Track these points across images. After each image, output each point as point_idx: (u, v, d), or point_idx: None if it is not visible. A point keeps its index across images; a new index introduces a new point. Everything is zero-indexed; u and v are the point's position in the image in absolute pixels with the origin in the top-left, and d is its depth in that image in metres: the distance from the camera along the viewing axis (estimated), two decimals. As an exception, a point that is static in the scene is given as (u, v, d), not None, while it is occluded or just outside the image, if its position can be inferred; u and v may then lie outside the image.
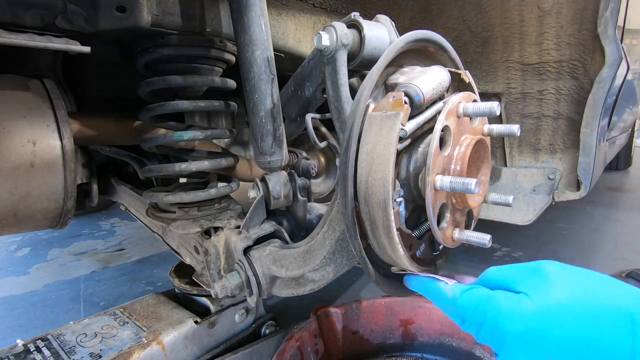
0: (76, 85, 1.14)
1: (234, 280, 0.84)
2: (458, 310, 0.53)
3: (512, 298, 0.48)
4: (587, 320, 0.43)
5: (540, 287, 0.47)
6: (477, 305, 0.51)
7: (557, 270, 0.48)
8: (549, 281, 0.47)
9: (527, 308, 0.46)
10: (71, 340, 0.96)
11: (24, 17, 0.68)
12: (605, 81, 1.07)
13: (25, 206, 0.80)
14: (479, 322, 0.50)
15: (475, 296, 0.52)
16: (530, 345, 0.45)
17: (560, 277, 0.47)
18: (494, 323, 0.48)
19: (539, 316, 0.45)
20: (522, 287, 0.49)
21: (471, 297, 0.52)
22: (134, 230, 2.66)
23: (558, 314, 0.44)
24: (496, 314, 0.48)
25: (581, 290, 0.46)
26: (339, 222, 0.69)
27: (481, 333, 0.50)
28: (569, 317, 0.44)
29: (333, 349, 1.14)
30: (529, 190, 1.30)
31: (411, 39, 0.61)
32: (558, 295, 0.46)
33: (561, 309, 0.45)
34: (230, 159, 1.02)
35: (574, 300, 0.45)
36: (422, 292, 0.61)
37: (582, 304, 0.44)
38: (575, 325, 0.43)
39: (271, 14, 0.99)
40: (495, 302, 0.49)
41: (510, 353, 0.47)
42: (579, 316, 0.44)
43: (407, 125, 0.55)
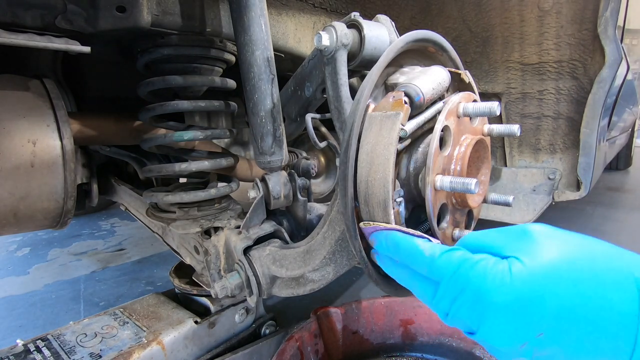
0: (76, 85, 1.14)
1: (234, 280, 0.84)
2: (433, 272, 0.45)
3: (499, 262, 0.41)
4: (587, 285, 0.37)
5: (530, 250, 0.41)
6: (458, 268, 0.43)
7: (548, 232, 0.42)
8: (540, 243, 0.41)
9: (518, 272, 0.39)
10: (71, 340, 0.96)
11: (24, 17, 0.68)
12: (605, 81, 1.07)
13: (25, 206, 0.80)
14: (458, 289, 0.42)
15: (457, 258, 0.44)
16: (518, 318, 0.39)
17: (552, 239, 0.41)
18: (477, 290, 0.41)
19: (532, 281, 0.38)
20: (510, 252, 0.42)
21: (453, 258, 0.44)
22: (134, 230, 2.66)
23: (554, 278, 0.38)
24: (481, 280, 0.41)
25: (577, 252, 0.40)
26: (339, 222, 0.69)
27: (456, 304, 0.43)
28: (567, 281, 0.38)
29: (333, 349, 1.14)
30: (529, 190, 1.30)
31: (411, 39, 0.61)
32: (552, 257, 0.39)
33: (558, 273, 0.38)
34: (230, 159, 1.02)
35: (571, 264, 0.39)
36: (392, 250, 0.51)
37: (579, 267, 0.38)
38: (574, 292, 0.37)
39: (271, 14, 0.99)
40: (482, 266, 0.41)
41: (493, 328, 0.40)
42: (578, 281, 0.38)
43: (407, 125, 0.55)
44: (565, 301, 0.38)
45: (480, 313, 0.41)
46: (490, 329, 0.40)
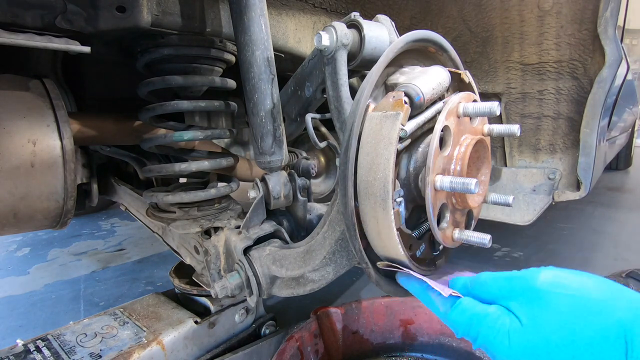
0: (76, 85, 1.14)
1: (234, 280, 0.84)
2: (451, 324, 0.54)
3: (503, 318, 0.48)
4: (578, 343, 0.42)
5: (531, 307, 0.46)
6: (469, 322, 0.51)
7: (551, 285, 0.47)
8: (540, 300, 0.46)
9: (518, 336, 0.46)
10: (71, 340, 0.96)
11: (24, 17, 0.68)
12: (605, 81, 1.07)
13: (25, 206, 0.80)
14: (473, 338, 0.50)
15: (467, 313, 0.52)
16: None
17: (552, 295, 0.46)
18: (486, 342, 0.48)
19: (527, 340, 0.45)
20: (514, 305, 0.48)
21: (463, 314, 0.52)
22: (134, 230, 2.66)
23: (547, 338, 0.44)
24: (488, 335, 0.48)
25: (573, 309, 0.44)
26: (339, 222, 0.69)
27: (476, 345, 0.51)
28: (559, 340, 0.43)
29: (333, 349, 1.14)
30: (529, 190, 1.30)
31: (411, 39, 0.61)
32: (548, 317, 0.45)
33: (550, 333, 0.44)
34: (230, 159, 1.02)
35: (565, 323, 0.44)
36: (413, 293, 0.60)
37: (573, 326, 0.43)
38: (566, 349, 0.43)
39: (271, 14, 0.99)
40: (487, 322, 0.49)
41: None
42: (570, 339, 0.43)
43: (407, 125, 0.55)
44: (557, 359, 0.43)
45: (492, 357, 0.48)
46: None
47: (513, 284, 0.50)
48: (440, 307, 0.55)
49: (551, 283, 0.47)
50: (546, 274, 0.48)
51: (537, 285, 0.47)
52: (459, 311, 0.52)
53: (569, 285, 0.46)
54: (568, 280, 0.46)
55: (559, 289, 0.46)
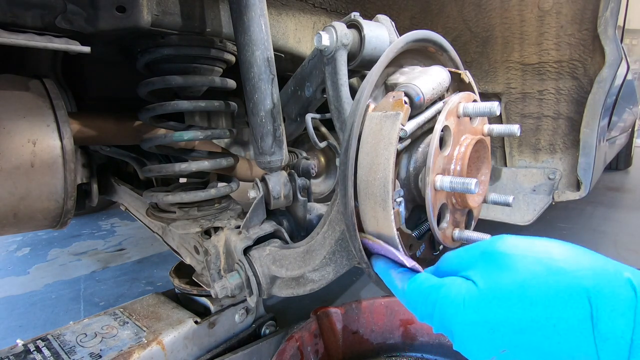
0: (76, 85, 1.14)
1: (234, 280, 0.84)
2: (408, 301, 0.51)
3: (459, 286, 0.45)
4: (539, 304, 0.39)
5: (489, 271, 0.43)
6: (425, 296, 0.48)
7: (511, 248, 0.44)
8: (499, 263, 0.43)
9: (473, 297, 0.43)
10: (71, 340, 0.96)
11: (24, 17, 0.68)
12: (605, 81, 1.07)
13: (25, 206, 0.80)
14: (430, 313, 0.47)
15: (423, 287, 0.49)
16: (479, 337, 0.42)
17: (512, 257, 0.43)
18: (442, 314, 0.45)
19: (484, 305, 0.41)
20: (472, 273, 0.45)
21: (419, 287, 0.49)
22: (134, 230, 2.66)
23: (505, 300, 0.40)
24: (443, 305, 0.45)
25: (534, 270, 0.41)
26: (339, 222, 0.69)
27: (435, 325, 0.47)
28: (518, 303, 0.40)
29: (333, 349, 1.14)
30: (529, 190, 1.30)
31: (411, 39, 0.61)
32: (506, 279, 0.41)
33: (509, 295, 0.40)
34: (230, 159, 1.02)
35: (525, 284, 0.40)
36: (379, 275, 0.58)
37: (533, 286, 0.40)
38: (526, 312, 0.39)
39: (271, 14, 0.99)
40: (443, 292, 0.46)
41: (462, 344, 0.44)
42: (530, 301, 0.39)
43: (407, 125, 0.55)
44: (520, 320, 0.39)
45: (450, 332, 0.45)
46: (460, 344, 0.44)
47: (471, 252, 0.47)
48: (399, 284, 0.52)
49: (511, 246, 0.44)
50: (507, 239, 0.45)
51: (495, 249, 0.44)
52: (415, 285, 0.50)
53: (530, 247, 0.43)
54: (529, 244, 0.44)
55: (519, 251, 0.43)
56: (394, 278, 0.53)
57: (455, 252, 0.50)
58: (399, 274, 0.53)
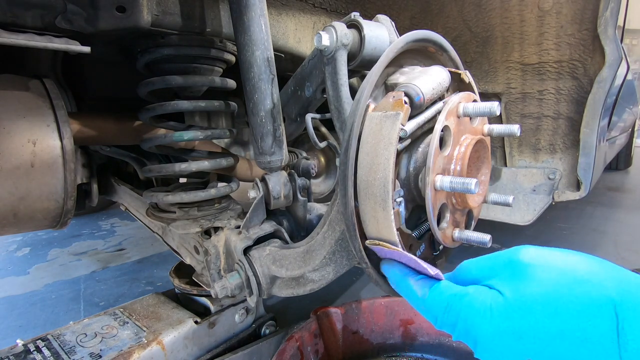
0: (76, 85, 1.14)
1: (234, 280, 0.84)
2: (429, 310, 0.50)
3: (484, 295, 0.45)
4: (565, 314, 0.39)
5: (514, 281, 0.44)
6: (447, 304, 0.47)
7: (534, 259, 0.44)
8: (523, 274, 0.43)
9: (500, 307, 0.43)
10: (71, 340, 0.96)
11: (24, 17, 0.68)
12: (605, 81, 1.07)
13: (25, 206, 0.80)
14: (452, 323, 0.47)
15: (445, 295, 0.48)
16: (504, 346, 0.42)
17: (536, 268, 0.43)
18: (466, 323, 0.45)
19: (511, 314, 0.42)
20: (496, 282, 0.45)
21: (441, 296, 0.48)
22: (134, 230, 2.66)
23: (532, 310, 0.41)
24: (468, 314, 0.45)
25: (559, 280, 0.41)
26: (339, 222, 0.69)
27: (456, 333, 0.47)
28: (545, 313, 0.40)
29: (333, 349, 1.14)
30: (529, 190, 1.30)
31: (411, 39, 0.61)
32: (532, 289, 0.42)
33: (535, 305, 0.41)
34: (230, 159, 1.02)
35: (551, 294, 0.41)
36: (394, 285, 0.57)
37: (559, 297, 0.40)
38: (552, 322, 0.39)
39: (271, 14, 0.99)
40: (467, 301, 0.45)
41: (486, 353, 0.44)
42: (556, 311, 0.40)
43: (407, 125, 0.55)
44: (545, 330, 0.40)
45: (473, 340, 0.45)
46: (483, 354, 0.44)
47: (494, 263, 0.48)
48: (419, 292, 0.51)
49: (534, 257, 0.44)
50: (529, 250, 0.45)
51: (519, 259, 0.45)
52: (437, 293, 0.49)
53: (553, 259, 0.44)
54: (552, 255, 0.44)
55: (543, 262, 0.43)
56: (412, 285, 0.52)
57: (475, 261, 0.50)
58: (418, 282, 0.52)
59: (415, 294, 0.51)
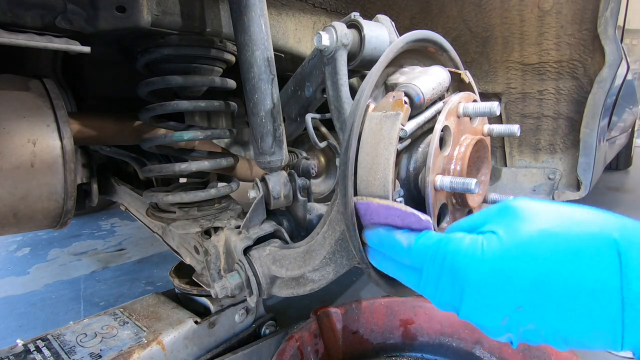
0: (76, 85, 1.14)
1: (234, 280, 0.84)
2: (414, 261, 0.45)
3: (475, 238, 0.41)
4: (564, 254, 0.36)
5: (508, 223, 0.40)
6: (435, 250, 0.43)
7: (530, 204, 0.41)
8: (519, 216, 0.40)
9: (493, 245, 0.39)
10: (71, 340, 0.96)
11: (24, 17, 0.68)
12: (605, 81, 1.07)
13: (25, 206, 0.80)
14: (437, 271, 0.42)
15: (433, 240, 0.44)
16: (495, 293, 0.38)
17: (533, 210, 0.40)
18: (454, 268, 0.40)
19: (505, 254, 0.38)
20: (490, 227, 0.41)
21: (428, 240, 0.44)
22: (134, 230, 2.66)
23: (529, 249, 0.37)
24: (456, 256, 0.40)
25: (557, 221, 0.38)
26: (339, 222, 0.69)
27: (440, 286, 0.42)
28: (542, 252, 0.36)
29: (333, 349, 1.14)
30: (529, 190, 1.30)
31: (411, 39, 0.61)
32: (528, 229, 0.38)
33: (533, 243, 0.37)
34: (230, 159, 1.02)
35: (549, 232, 0.37)
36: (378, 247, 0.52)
37: (558, 234, 0.37)
38: (550, 262, 0.36)
39: (271, 14, 0.99)
40: (456, 244, 0.41)
41: (472, 305, 0.39)
42: (554, 250, 0.36)
43: (407, 125, 0.55)
44: (541, 274, 0.36)
45: (459, 291, 0.40)
46: (470, 306, 0.40)
47: (486, 213, 0.44)
48: (404, 242, 0.47)
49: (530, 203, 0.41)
50: (523, 199, 0.42)
51: (513, 205, 0.41)
52: (424, 239, 0.45)
53: (550, 205, 0.40)
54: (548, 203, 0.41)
55: (539, 207, 0.40)
56: (398, 238, 0.48)
57: (465, 217, 0.47)
58: (404, 234, 0.48)
59: (401, 246, 0.47)
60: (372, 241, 0.54)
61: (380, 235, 0.51)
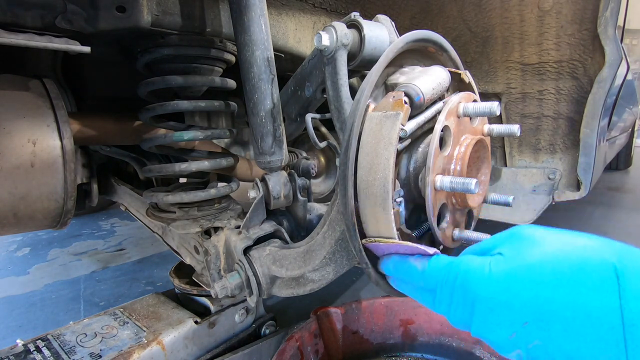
0: (76, 85, 1.14)
1: (234, 280, 0.84)
2: (428, 283, 0.49)
3: (484, 260, 0.45)
4: (565, 277, 0.39)
5: (515, 246, 0.44)
6: (447, 271, 0.47)
7: (537, 231, 0.45)
8: (525, 241, 0.44)
9: (500, 267, 0.42)
10: (71, 340, 0.96)
11: (24, 17, 0.68)
12: (605, 81, 1.07)
13: (25, 206, 0.80)
14: (450, 291, 0.46)
15: (445, 262, 0.48)
16: (503, 309, 0.41)
17: (538, 236, 0.44)
18: (464, 286, 0.44)
19: (511, 275, 0.41)
20: (498, 250, 0.45)
21: (441, 263, 0.48)
22: (134, 230, 2.66)
23: (532, 271, 0.40)
24: (466, 276, 0.44)
25: (561, 247, 0.41)
26: (339, 222, 0.69)
27: (453, 305, 0.46)
28: (545, 274, 0.40)
29: (333, 349, 1.14)
30: (529, 190, 1.30)
31: (411, 39, 0.61)
32: (534, 252, 0.42)
33: (536, 266, 0.41)
34: (230, 159, 1.02)
35: (552, 257, 0.41)
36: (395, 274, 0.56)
37: (560, 260, 0.40)
38: (552, 284, 0.39)
39: (271, 14, 0.99)
40: (466, 265, 0.45)
41: (482, 321, 0.43)
42: (556, 273, 0.39)
43: (407, 125, 0.55)
44: (544, 293, 0.39)
45: (470, 308, 0.44)
46: (480, 321, 0.43)
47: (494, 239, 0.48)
48: (419, 266, 0.51)
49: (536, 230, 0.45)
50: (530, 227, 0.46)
51: (521, 232, 0.45)
52: (437, 262, 0.49)
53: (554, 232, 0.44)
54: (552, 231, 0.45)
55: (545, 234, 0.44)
56: (412, 262, 0.52)
57: (477, 243, 0.51)
58: (418, 259, 0.52)
59: (415, 269, 0.51)
60: (388, 269, 0.57)
61: (395, 262, 0.55)
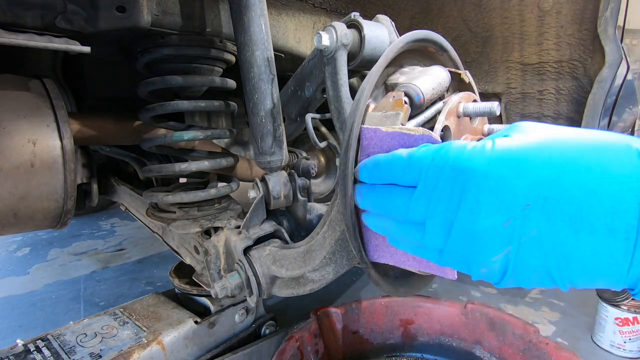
0: (76, 85, 1.14)
1: (233, 280, 0.84)
2: (413, 167, 0.41)
3: (484, 141, 0.38)
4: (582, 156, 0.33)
5: (523, 130, 0.38)
6: (435, 153, 0.39)
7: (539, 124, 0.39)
8: (535, 127, 0.38)
9: (504, 144, 0.36)
10: (71, 340, 0.96)
11: (24, 17, 0.68)
12: (605, 81, 1.07)
13: (25, 206, 0.80)
14: (437, 173, 0.38)
15: (433, 146, 0.41)
16: (502, 188, 0.34)
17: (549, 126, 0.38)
18: (456, 165, 0.37)
19: (517, 151, 0.35)
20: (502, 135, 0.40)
21: (429, 147, 0.42)
22: (134, 230, 2.66)
23: (543, 149, 0.34)
24: (460, 154, 0.37)
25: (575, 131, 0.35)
26: (339, 222, 0.69)
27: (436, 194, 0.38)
28: (558, 152, 0.33)
29: (333, 349, 1.14)
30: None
31: (411, 39, 0.61)
32: (546, 132, 0.36)
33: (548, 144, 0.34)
34: (230, 159, 1.02)
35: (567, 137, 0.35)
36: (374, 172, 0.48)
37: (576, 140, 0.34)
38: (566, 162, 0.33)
39: (271, 14, 0.99)
40: (461, 145, 0.38)
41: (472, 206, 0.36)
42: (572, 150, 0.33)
43: (407, 125, 0.55)
44: (554, 171, 0.33)
45: (459, 192, 0.36)
46: (468, 209, 0.36)
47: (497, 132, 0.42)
48: (404, 153, 0.44)
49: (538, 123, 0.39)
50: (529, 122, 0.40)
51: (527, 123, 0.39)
52: (425, 147, 0.42)
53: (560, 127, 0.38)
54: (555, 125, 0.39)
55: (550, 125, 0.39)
56: (399, 152, 0.45)
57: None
58: (405, 150, 0.45)
59: (400, 157, 0.44)
60: (367, 168, 0.49)
61: (377, 159, 0.48)
